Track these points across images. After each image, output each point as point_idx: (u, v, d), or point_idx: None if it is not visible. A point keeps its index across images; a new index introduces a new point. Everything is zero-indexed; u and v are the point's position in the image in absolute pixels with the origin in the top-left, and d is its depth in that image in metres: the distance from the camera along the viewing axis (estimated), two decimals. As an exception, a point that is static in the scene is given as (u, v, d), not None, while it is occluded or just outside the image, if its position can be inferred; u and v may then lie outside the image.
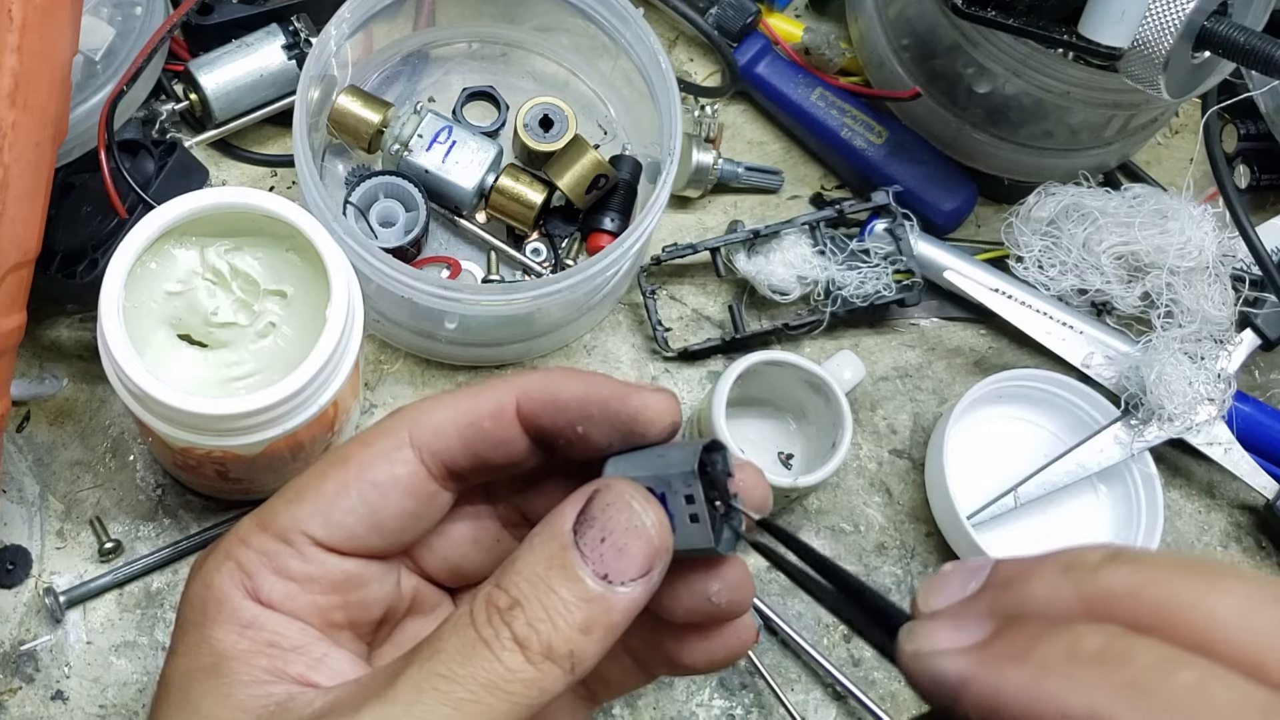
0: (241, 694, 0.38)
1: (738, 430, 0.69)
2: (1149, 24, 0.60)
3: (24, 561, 0.65)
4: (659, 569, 0.37)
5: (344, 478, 0.41)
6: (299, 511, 0.40)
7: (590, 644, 0.36)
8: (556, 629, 0.36)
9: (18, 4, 0.53)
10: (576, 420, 0.40)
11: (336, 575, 0.41)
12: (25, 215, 0.55)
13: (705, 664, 0.42)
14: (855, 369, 0.70)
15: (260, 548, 0.40)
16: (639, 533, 0.37)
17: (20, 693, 0.63)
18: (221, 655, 0.39)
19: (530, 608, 0.36)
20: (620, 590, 0.36)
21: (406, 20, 0.75)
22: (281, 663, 0.39)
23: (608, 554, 0.36)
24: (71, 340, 0.70)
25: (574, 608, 0.36)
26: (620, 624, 0.37)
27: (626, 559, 0.36)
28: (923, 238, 0.75)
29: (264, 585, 0.40)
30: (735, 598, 0.40)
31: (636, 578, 0.37)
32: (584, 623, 0.36)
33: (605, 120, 0.78)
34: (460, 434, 0.41)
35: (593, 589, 0.36)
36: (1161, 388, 0.69)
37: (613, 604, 0.36)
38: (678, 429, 0.40)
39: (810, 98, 0.78)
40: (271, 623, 0.40)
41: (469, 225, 0.73)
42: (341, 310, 0.55)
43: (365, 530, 0.41)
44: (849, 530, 0.71)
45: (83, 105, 0.65)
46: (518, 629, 0.36)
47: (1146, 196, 0.71)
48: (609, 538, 0.37)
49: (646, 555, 0.37)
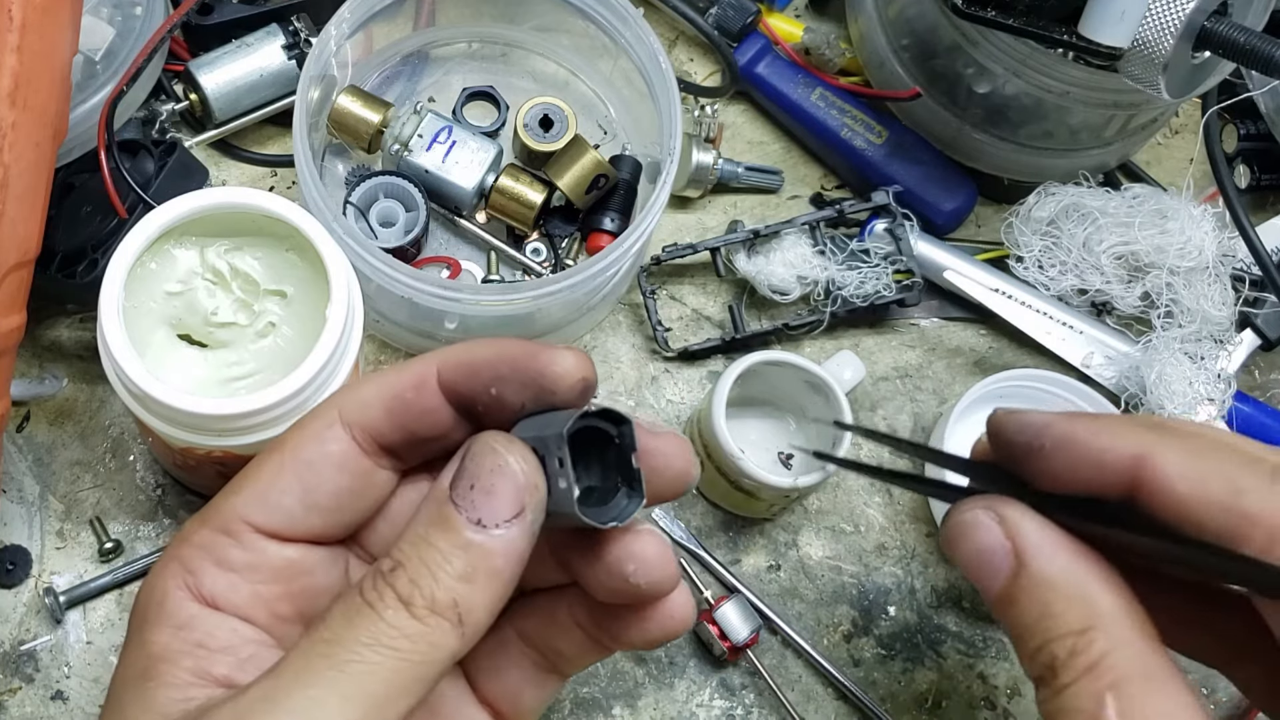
0: (162, 697, 0.38)
1: (738, 430, 0.69)
2: (1149, 24, 0.60)
3: (24, 561, 0.65)
4: (532, 508, 0.37)
5: (279, 461, 0.41)
6: (236, 500, 0.41)
7: (475, 592, 0.36)
8: (438, 581, 0.36)
9: (18, 4, 0.53)
10: (490, 382, 0.40)
11: (278, 562, 0.41)
12: (25, 215, 0.55)
13: (644, 643, 0.42)
14: (855, 369, 0.70)
15: (201, 542, 0.40)
16: (503, 472, 0.37)
17: (20, 693, 0.63)
18: (153, 658, 0.39)
19: (412, 566, 0.36)
20: (496, 533, 0.36)
21: (406, 20, 0.75)
22: (207, 664, 0.39)
23: (478, 499, 0.37)
24: (71, 340, 0.70)
25: (453, 557, 0.36)
26: (503, 568, 0.37)
27: (497, 500, 0.37)
28: (923, 238, 0.75)
29: (206, 580, 0.40)
30: (653, 576, 0.40)
31: (510, 518, 0.37)
32: (464, 570, 0.36)
33: (605, 120, 0.78)
34: (385, 407, 0.41)
35: (469, 536, 0.36)
36: (1161, 388, 0.69)
37: (490, 548, 0.36)
38: (589, 386, 0.39)
39: (810, 98, 0.78)
40: (204, 623, 0.40)
41: (469, 225, 0.73)
42: (341, 310, 0.55)
43: (302, 510, 0.41)
44: (849, 530, 0.71)
45: (83, 105, 0.65)
46: (400, 587, 0.36)
47: (1146, 196, 0.71)
48: (477, 483, 0.37)
49: (514, 493, 0.37)
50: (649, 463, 0.39)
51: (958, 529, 0.41)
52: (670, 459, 0.40)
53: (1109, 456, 0.39)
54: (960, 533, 0.41)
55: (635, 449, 0.39)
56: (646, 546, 0.40)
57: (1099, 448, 0.39)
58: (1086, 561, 0.39)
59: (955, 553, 0.41)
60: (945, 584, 0.71)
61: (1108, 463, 0.39)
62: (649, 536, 0.40)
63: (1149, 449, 0.38)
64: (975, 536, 0.40)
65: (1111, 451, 0.39)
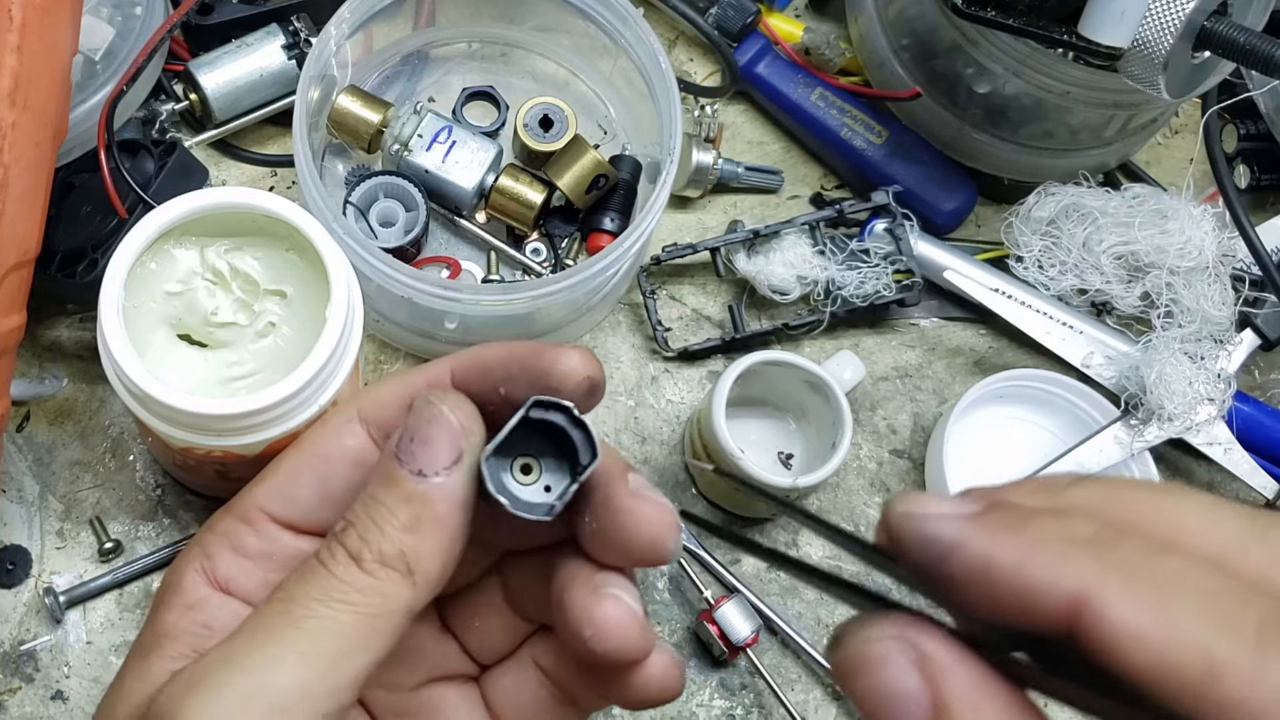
0: (157, 668, 0.39)
1: (738, 430, 0.69)
2: (1149, 24, 0.60)
3: (24, 561, 0.65)
4: (469, 452, 0.38)
5: (299, 455, 0.43)
6: (258, 491, 0.42)
7: (421, 542, 0.37)
8: (385, 534, 0.37)
9: (18, 4, 0.53)
10: (500, 381, 0.40)
11: (291, 552, 0.42)
12: (25, 215, 0.55)
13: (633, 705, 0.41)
14: (855, 369, 0.70)
15: (223, 529, 0.42)
16: (438, 420, 0.37)
17: (20, 693, 0.63)
18: (159, 635, 0.40)
19: (361, 523, 0.37)
20: (435, 480, 0.37)
21: (406, 20, 0.75)
22: (206, 642, 0.39)
23: (417, 450, 0.37)
24: (71, 340, 0.70)
25: (397, 510, 0.37)
26: (446, 514, 0.37)
27: (434, 448, 0.37)
28: (923, 238, 0.75)
29: (221, 565, 0.41)
30: (613, 645, 0.38)
31: (449, 465, 0.37)
32: (408, 521, 0.37)
33: (605, 120, 0.78)
34: (401, 406, 0.42)
35: (410, 487, 0.37)
36: (1161, 388, 0.69)
37: (431, 495, 0.37)
38: (595, 385, 0.40)
39: (810, 98, 0.78)
40: (211, 604, 0.41)
41: (469, 225, 0.73)
42: (341, 310, 0.55)
43: (317, 502, 0.42)
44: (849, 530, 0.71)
45: (83, 105, 0.65)
46: (350, 544, 0.37)
47: (1146, 196, 0.71)
48: (416, 435, 0.38)
49: (450, 438, 0.37)
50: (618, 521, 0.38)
51: (857, 661, 0.31)
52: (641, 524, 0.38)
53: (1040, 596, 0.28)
54: (861, 666, 0.31)
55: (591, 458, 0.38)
56: (607, 610, 0.38)
57: (1026, 585, 0.28)
58: None
59: (851, 689, 0.32)
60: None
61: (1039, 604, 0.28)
62: (610, 600, 0.38)
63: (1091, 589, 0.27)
64: (883, 676, 0.31)
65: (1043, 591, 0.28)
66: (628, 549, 0.39)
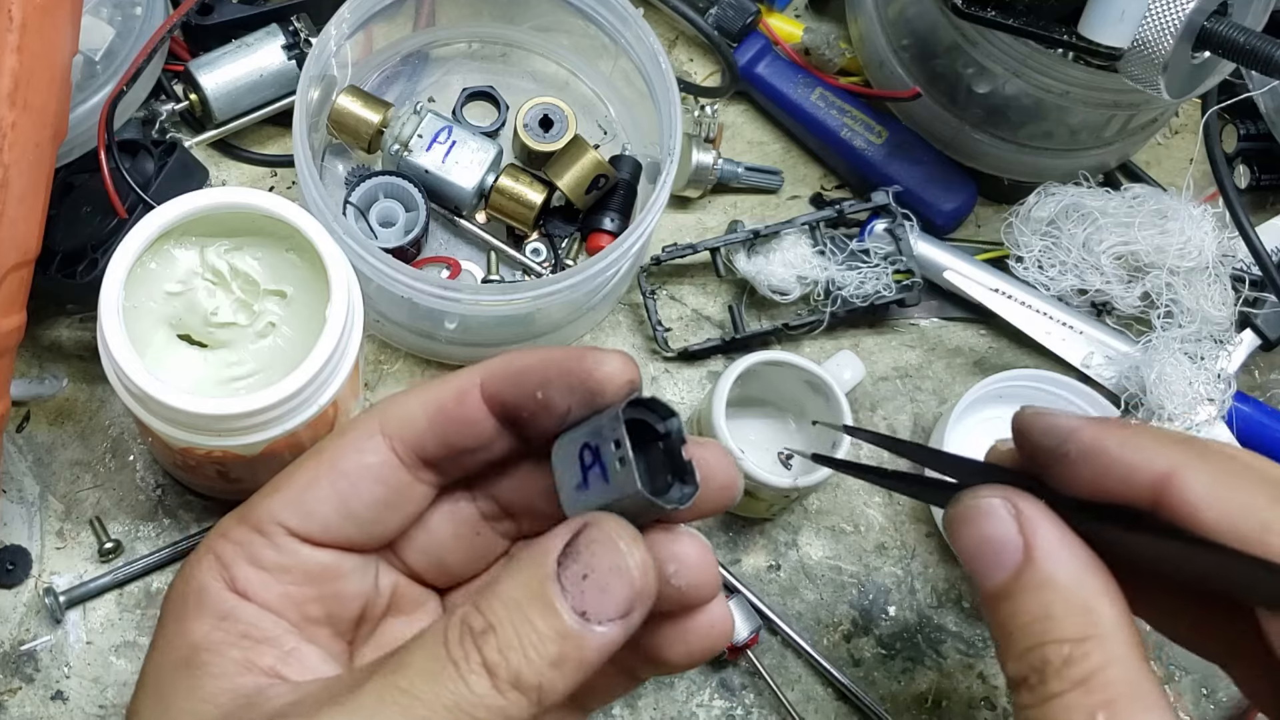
0: (211, 686, 0.38)
1: (738, 430, 0.69)
2: (1149, 24, 0.60)
3: (24, 561, 0.65)
4: (639, 611, 0.37)
5: (317, 468, 0.41)
6: (273, 502, 0.41)
7: (560, 678, 0.36)
8: (528, 660, 0.35)
9: (18, 4, 0.53)
10: (536, 386, 0.40)
11: (310, 566, 0.41)
12: (25, 215, 0.55)
13: (685, 658, 0.42)
14: (855, 369, 0.70)
15: (237, 539, 0.41)
16: (622, 574, 0.36)
17: (20, 693, 0.63)
18: (196, 647, 0.39)
19: (504, 634, 0.36)
20: (598, 630, 0.36)
21: (406, 20, 0.75)
22: (254, 654, 0.39)
23: (589, 592, 0.36)
24: (71, 340, 0.70)
25: (549, 641, 0.36)
26: (594, 662, 0.36)
27: (607, 599, 0.36)
28: (923, 238, 0.75)
29: (239, 575, 0.40)
30: (694, 579, 0.40)
31: (615, 618, 0.36)
32: (557, 657, 0.36)
33: (605, 120, 0.78)
34: (428, 418, 0.41)
35: (569, 625, 0.36)
36: (1161, 388, 0.69)
37: (588, 642, 0.36)
38: (635, 389, 0.40)
39: (810, 98, 0.78)
40: (247, 614, 0.40)
41: (469, 225, 0.73)
42: (341, 310, 0.55)
43: (338, 519, 0.41)
44: (849, 530, 0.71)
45: (83, 105, 0.65)
46: (488, 654, 0.36)
47: (1146, 196, 0.71)
48: (591, 575, 0.36)
49: (628, 597, 0.36)
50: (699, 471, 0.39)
51: (967, 513, 0.39)
52: (714, 469, 0.40)
53: (1137, 471, 0.38)
54: (969, 517, 0.39)
55: (685, 440, 0.39)
56: (687, 547, 0.40)
57: (1127, 461, 0.38)
58: (1094, 570, 0.38)
59: (958, 537, 0.40)
60: (945, 584, 0.71)
61: (1135, 477, 0.38)
62: (689, 538, 0.40)
63: (1178, 467, 0.37)
64: (985, 524, 0.39)
65: (1140, 467, 0.38)
66: (704, 497, 0.40)
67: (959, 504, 0.40)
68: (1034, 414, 0.41)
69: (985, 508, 0.39)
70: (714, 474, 0.40)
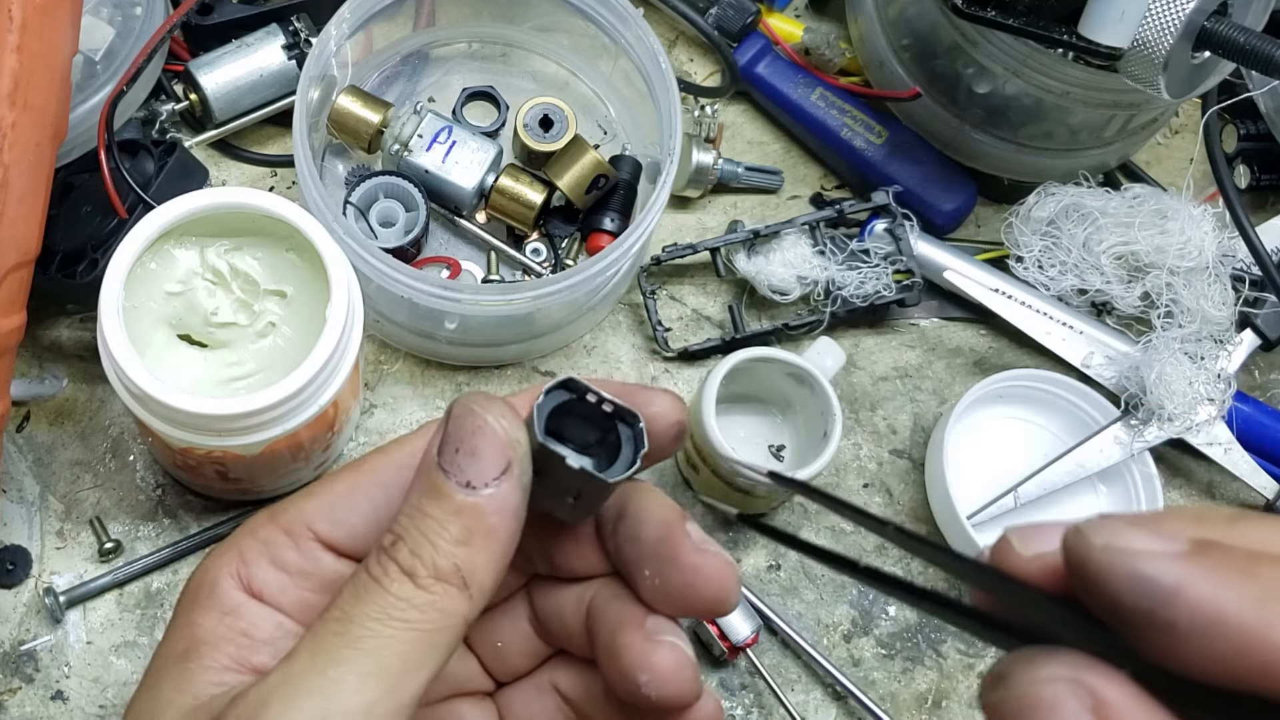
0: (200, 679, 0.38)
1: (728, 428, 0.69)
2: (1149, 24, 0.60)
3: (24, 561, 0.65)
4: (518, 462, 0.37)
5: (357, 478, 0.42)
6: (307, 506, 0.41)
7: (474, 554, 0.36)
8: (437, 549, 0.36)
9: (18, 4, 0.53)
10: None
11: (330, 574, 0.41)
12: (25, 215, 0.55)
13: None
14: (836, 355, 0.70)
15: (264, 537, 0.41)
16: (484, 431, 0.37)
17: (20, 693, 0.63)
18: (196, 640, 0.39)
19: (411, 537, 0.36)
20: (485, 492, 0.36)
21: (406, 20, 0.75)
22: (248, 652, 0.39)
23: (463, 461, 0.36)
24: (71, 340, 0.70)
25: (448, 523, 0.36)
26: (498, 525, 0.36)
27: (482, 460, 0.36)
28: (923, 238, 0.75)
29: (258, 574, 0.40)
30: (668, 691, 0.38)
31: (497, 476, 0.36)
32: (460, 534, 0.36)
33: (605, 120, 0.78)
34: None
35: (460, 500, 0.36)
36: (1161, 388, 0.69)
37: (482, 508, 0.36)
38: (683, 430, 0.40)
39: (810, 98, 0.78)
40: (251, 613, 0.40)
41: (469, 225, 0.73)
42: (341, 310, 0.55)
43: (367, 529, 0.41)
44: (849, 530, 0.71)
45: (83, 105, 0.65)
46: (402, 559, 0.36)
47: (1146, 196, 0.71)
48: (461, 445, 0.37)
49: (498, 450, 0.36)
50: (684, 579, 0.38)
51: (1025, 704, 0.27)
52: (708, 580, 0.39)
53: None
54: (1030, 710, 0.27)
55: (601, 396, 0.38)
56: (663, 657, 0.39)
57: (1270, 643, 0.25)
58: None
59: None
60: (945, 584, 0.71)
61: None
62: (667, 647, 0.39)
63: None
64: None
65: None
66: (691, 604, 0.39)
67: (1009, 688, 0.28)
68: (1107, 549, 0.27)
69: (1051, 699, 0.27)
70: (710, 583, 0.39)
